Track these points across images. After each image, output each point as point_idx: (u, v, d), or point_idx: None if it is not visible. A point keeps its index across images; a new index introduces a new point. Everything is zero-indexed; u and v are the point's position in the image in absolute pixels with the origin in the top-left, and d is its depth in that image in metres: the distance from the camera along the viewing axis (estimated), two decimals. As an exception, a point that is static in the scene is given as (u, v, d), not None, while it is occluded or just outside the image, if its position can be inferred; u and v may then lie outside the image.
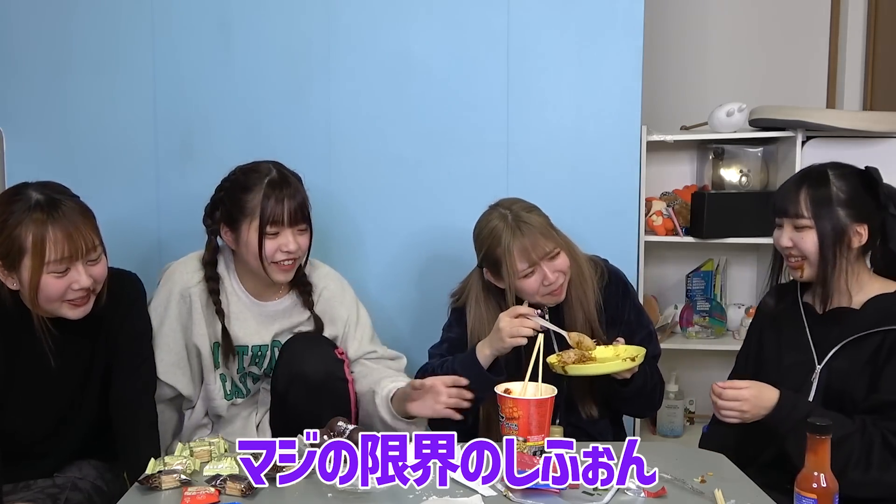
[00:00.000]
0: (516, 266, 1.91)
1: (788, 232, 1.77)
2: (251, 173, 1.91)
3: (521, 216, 1.94)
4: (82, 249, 1.66)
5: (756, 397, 1.68)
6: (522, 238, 1.90)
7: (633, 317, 2.06)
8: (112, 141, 2.46)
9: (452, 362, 1.95)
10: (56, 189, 1.70)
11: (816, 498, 1.29)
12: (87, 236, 1.67)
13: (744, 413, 1.68)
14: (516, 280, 1.92)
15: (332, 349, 1.99)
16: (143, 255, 2.46)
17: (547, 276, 1.92)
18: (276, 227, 1.88)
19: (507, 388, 1.69)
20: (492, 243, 1.94)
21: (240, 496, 1.45)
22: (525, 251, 1.90)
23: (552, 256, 1.93)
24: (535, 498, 1.44)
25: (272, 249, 1.89)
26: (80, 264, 1.67)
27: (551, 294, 1.95)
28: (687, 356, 2.90)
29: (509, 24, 2.41)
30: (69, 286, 1.66)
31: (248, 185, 1.89)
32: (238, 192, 1.90)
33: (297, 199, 1.90)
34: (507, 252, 1.90)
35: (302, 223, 1.92)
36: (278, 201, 1.87)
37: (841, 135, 2.59)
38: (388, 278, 2.49)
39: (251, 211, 1.87)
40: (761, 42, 3.07)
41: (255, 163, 1.95)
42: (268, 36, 2.43)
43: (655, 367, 2.07)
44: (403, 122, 2.45)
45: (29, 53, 2.44)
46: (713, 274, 2.94)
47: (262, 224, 1.86)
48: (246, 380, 2.05)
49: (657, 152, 2.79)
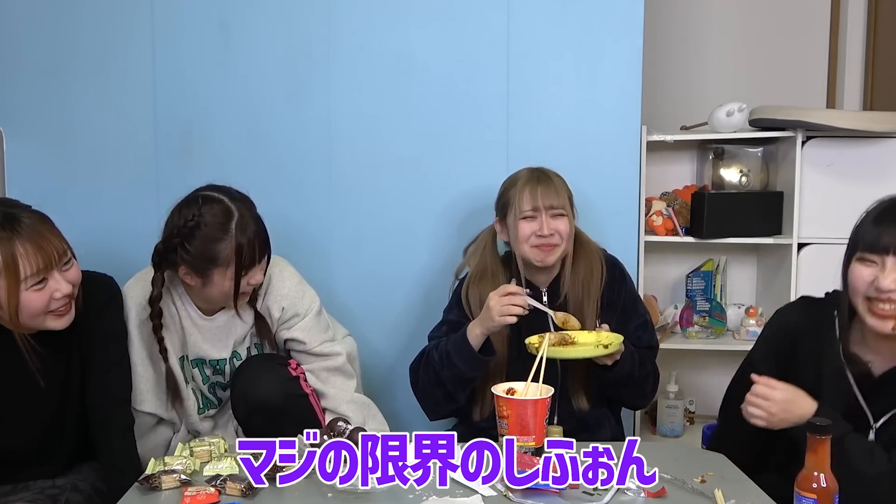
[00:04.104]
0: (521, 205, 2.01)
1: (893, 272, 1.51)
2: (212, 219, 1.81)
3: (547, 172, 2.07)
4: (55, 257, 1.62)
5: (788, 402, 1.56)
6: (536, 184, 2.03)
7: (628, 303, 2.10)
8: (112, 141, 2.46)
9: (446, 344, 1.99)
10: (9, 204, 1.66)
11: (816, 498, 1.29)
12: (56, 243, 1.64)
13: (771, 416, 1.57)
14: (517, 221, 2.01)
15: (284, 367, 1.96)
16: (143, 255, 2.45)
17: (543, 227, 2.00)
18: (249, 268, 1.85)
19: (510, 387, 1.69)
20: (508, 184, 2.09)
21: (240, 496, 1.45)
22: (534, 195, 2.01)
23: (555, 214, 2.02)
24: (535, 498, 1.44)
25: (242, 286, 1.86)
26: (56, 272, 1.64)
27: (540, 248, 2.02)
28: (687, 356, 2.90)
29: (509, 24, 2.41)
30: (51, 297, 1.63)
31: (214, 235, 1.81)
32: (205, 242, 1.81)
33: (261, 232, 1.87)
34: (518, 192, 2.03)
35: (266, 252, 1.89)
36: (249, 245, 1.82)
37: (841, 135, 2.59)
38: (387, 278, 2.49)
39: (224, 260, 1.82)
40: (761, 42, 3.07)
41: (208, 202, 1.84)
42: (268, 36, 2.43)
43: (650, 358, 2.09)
44: (403, 122, 2.45)
45: (29, 53, 2.44)
46: (713, 274, 2.94)
47: (238, 271, 1.83)
48: (215, 389, 2.03)
49: (657, 152, 2.79)
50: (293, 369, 1.97)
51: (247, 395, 1.91)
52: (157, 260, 1.88)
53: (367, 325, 2.46)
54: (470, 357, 1.94)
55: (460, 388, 2.00)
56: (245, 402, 1.92)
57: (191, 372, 1.99)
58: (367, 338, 2.42)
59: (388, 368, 2.48)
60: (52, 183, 2.47)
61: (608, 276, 2.10)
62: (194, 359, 1.98)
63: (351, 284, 2.48)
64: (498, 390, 1.66)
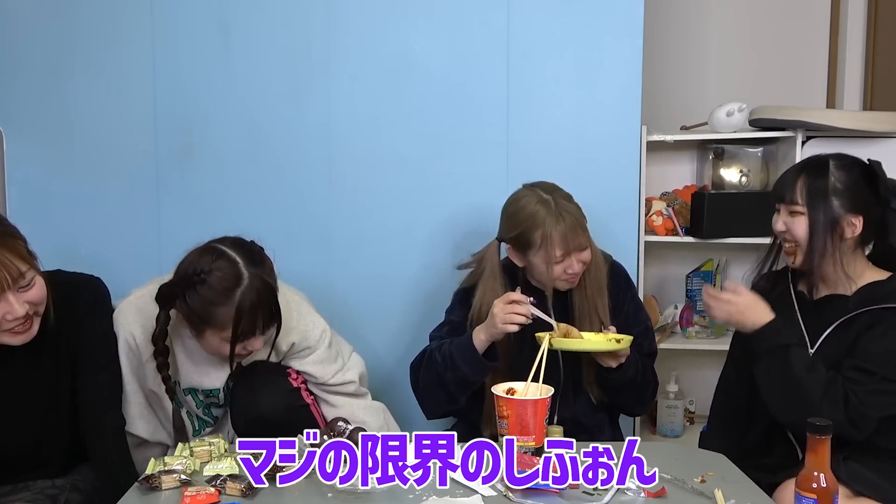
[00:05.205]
0: (554, 252, 1.95)
1: (783, 217, 1.81)
2: (218, 281, 1.70)
3: (563, 205, 1.99)
4: (7, 281, 1.53)
5: (748, 306, 1.76)
6: (564, 228, 1.95)
7: (631, 310, 2.11)
8: (112, 141, 2.46)
9: (450, 346, 1.98)
10: None
11: (816, 498, 1.29)
12: (10, 266, 1.53)
13: (730, 314, 1.77)
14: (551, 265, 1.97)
15: (284, 379, 1.93)
16: (143, 255, 2.46)
17: (573, 265, 1.98)
18: (247, 336, 1.75)
19: (510, 387, 1.69)
20: (530, 226, 1.98)
21: (240, 496, 1.45)
22: (565, 240, 1.95)
23: (582, 248, 1.99)
24: (535, 498, 1.44)
25: (238, 350, 1.77)
26: (10, 294, 1.54)
27: (567, 281, 2.02)
28: (687, 356, 2.90)
29: (509, 24, 2.41)
30: (2, 318, 1.56)
31: (216, 299, 1.70)
32: (205, 303, 1.71)
33: (269, 306, 1.75)
34: (547, 238, 1.95)
35: (271, 322, 1.78)
36: (251, 317, 1.71)
37: (841, 135, 2.59)
38: (387, 279, 2.49)
39: (221, 324, 1.72)
40: (761, 42, 3.07)
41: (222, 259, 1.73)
42: (268, 36, 2.43)
43: (650, 365, 2.09)
44: (403, 122, 2.45)
45: (29, 53, 2.44)
46: (713, 274, 2.94)
47: (234, 337, 1.73)
48: (210, 409, 1.98)
49: (657, 152, 2.79)
50: (293, 380, 1.94)
51: (247, 412, 1.89)
52: (162, 301, 1.78)
53: (366, 326, 2.46)
54: (474, 361, 1.93)
55: (462, 391, 1.99)
56: (246, 416, 1.89)
57: (183, 399, 1.93)
58: (367, 338, 2.42)
59: (387, 369, 2.47)
60: (52, 183, 2.47)
61: (613, 284, 2.08)
62: (186, 388, 1.93)
63: (350, 284, 2.48)
64: (498, 390, 1.66)
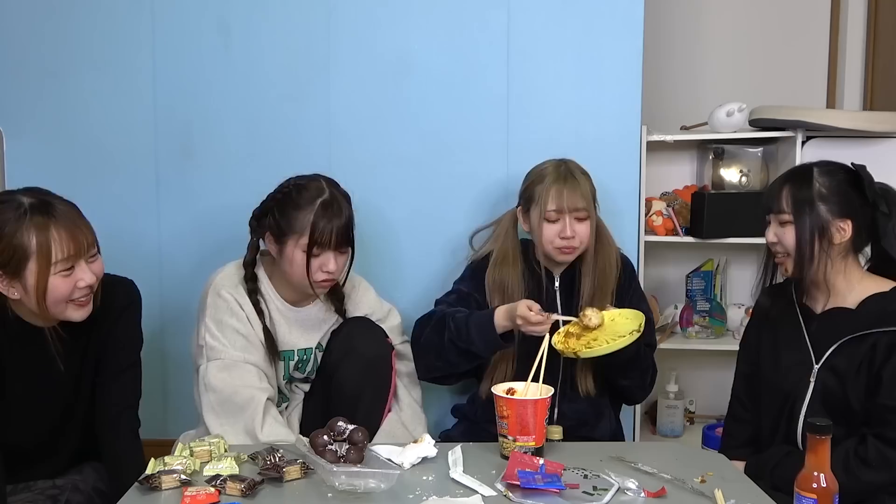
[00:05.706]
0: (547, 205, 2.02)
1: (774, 228, 1.80)
2: (304, 191, 1.92)
3: (574, 171, 2.08)
4: (84, 247, 1.66)
5: None
6: (563, 185, 2.03)
7: (635, 301, 2.12)
8: (112, 141, 2.46)
9: (468, 317, 1.98)
10: (43, 192, 1.70)
11: (816, 498, 1.29)
12: (87, 233, 1.68)
13: None
14: (541, 220, 2.02)
15: (384, 336, 2.07)
16: (143, 255, 2.46)
17: (566, 229, 2.02)
18: (321, 248, 1.90)
19: (510, 387, 1.69)
20: (535, 179, 2.09)
21: (240, 496, 1.45)
22: (560, 195, 2.02)
23: (580, 217, 2.03)
24: (535, 498, 1.44)
25: (314, 268, 1.91)
26: (83, 262, 1.67)
27: (562, 250, 2.04)
28: (687, 356, 2.90)
29: (509, 24, 2.41)
30: (75, 285, 1.66)
31: (300, 203, 1.90)
32: (289, 208, 1.91)
33: (344, 223, 1.93)
34: (545, 191, 2.04)
35: (345, 246, 1.95)
36: (327, 225, 1.89)
37: (841, 135, 2.59)
38: (387, 278, 2.48)
39: (300, 229, 1.89)
40: (761, 42, 3.07)
41: (310, 179, 1.96)
42: (268, 36, 2.43)
43: (650, 354, 2.12)
44: (403, 122, 2.45)
45: (29, 53, 2.44)
46: (713, 274, 2.94)
47: (310, 245, 1.89)
48: (291, 385, 2.09)
49: (657, 152, 2.79)
50: (390, 342, 2.08)
51: (347, 341, 2.01)
52: (254, 224, 1.99)
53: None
54: (490, 338, 1.93)
55: (465, 361, 2.01)
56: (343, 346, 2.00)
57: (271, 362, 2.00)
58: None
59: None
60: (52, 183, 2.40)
61: (619, 273, 2.12)
62: (283, 350, 2.01)
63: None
64: (498, 390, 1.66)
